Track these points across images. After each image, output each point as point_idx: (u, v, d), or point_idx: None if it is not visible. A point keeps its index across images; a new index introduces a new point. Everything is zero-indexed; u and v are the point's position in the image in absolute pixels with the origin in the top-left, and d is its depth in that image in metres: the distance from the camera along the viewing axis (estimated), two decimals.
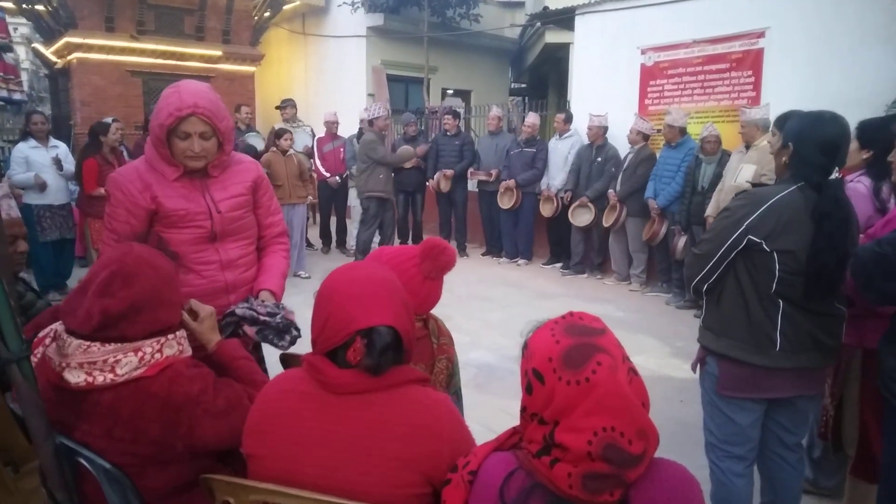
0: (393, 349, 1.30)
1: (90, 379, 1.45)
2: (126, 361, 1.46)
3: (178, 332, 1.60)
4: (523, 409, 1.17)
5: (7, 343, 1.35)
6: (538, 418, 1.12)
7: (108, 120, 6.13)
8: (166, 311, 1.56)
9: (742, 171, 5.04)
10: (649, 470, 1.09)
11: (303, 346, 2.05)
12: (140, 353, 1.48)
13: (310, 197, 7.31)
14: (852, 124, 2.58)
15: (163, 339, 1.53)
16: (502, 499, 1.13)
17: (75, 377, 1.45)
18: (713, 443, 2.24)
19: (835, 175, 2.01)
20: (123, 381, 1.45)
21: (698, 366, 2.29)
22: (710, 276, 2.07)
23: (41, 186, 5.68)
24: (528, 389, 1.14)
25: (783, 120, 2.48)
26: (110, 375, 1.44)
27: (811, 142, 1.99)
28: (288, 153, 6.94)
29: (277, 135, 7.03)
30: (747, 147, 5.14)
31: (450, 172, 8.00)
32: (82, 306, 1.47)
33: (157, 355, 1.51)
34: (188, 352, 1.62)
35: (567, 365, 1.08)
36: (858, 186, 2.46)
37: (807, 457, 2.67)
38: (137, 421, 1.45)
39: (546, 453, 1.10)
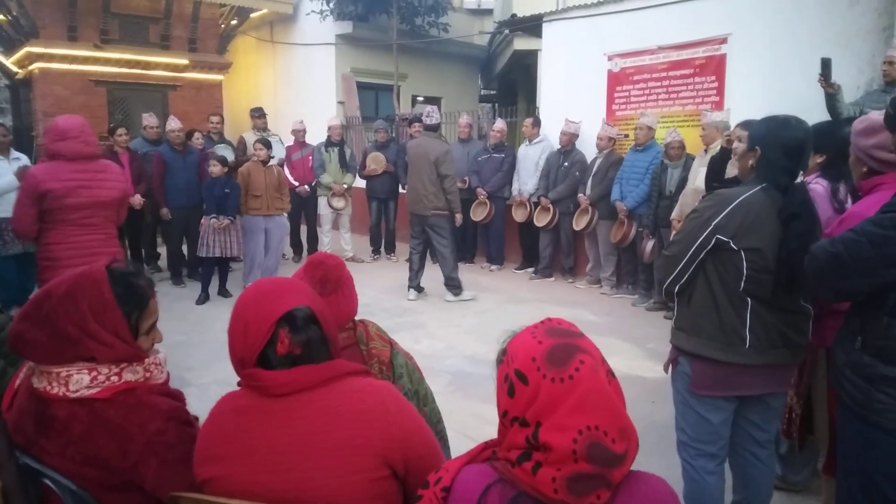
0: (317, 327, 1.35)
1: (49, 388, 1.41)
2: (77, 378, 1.40)
3: (148, 359, 1.52)
4: (504, 415, 1.16)
5: None
6: (520, 421, 1.11)
7: None
8: (87, 344, 1.43)
9: (700, 174, 5.14)
10: (631, 482, 1.09)
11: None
12: (93, 373, 1.41)
13: (285, 214, 7.12)
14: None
15: (123, 364, 1.45)
16: None
17: (38, 382, 1.43)
18: (685, 441, 2.27)
19: (800, 178, 2.07)
20: (77, 398, 1.40)
21: (670, 366, 2.32)
22: (682, 277, 2.12)
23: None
24: (509, 392, 1.13)
25: (746, 125, 2.54)
26: (63, 389, 1.40)
27: (778, 145, 2.04)
28: (269, 164, 6.86)
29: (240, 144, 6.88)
30: (706, 150, 5.25)
31: None
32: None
33: (115, 378, 1.43)
34: (159, 379, 1.54)
35: (551, 363, 1.09)
36: (817, 188, 2.52)
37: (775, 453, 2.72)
38: (87, 442, 1.39)
39: (527, 459, 1.09)
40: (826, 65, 4.63)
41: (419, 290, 6.62)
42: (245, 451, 1.29)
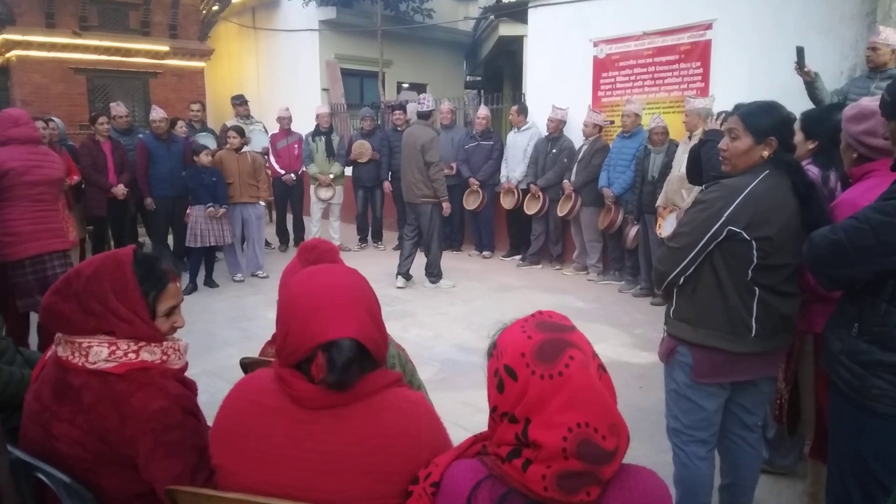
0: (358, 361, 1.24)
1: (71, 357, 1.48)
2: (97, 350, 1.47)
3: (167, 342, 1.57)
4: (493, 410, 1.15)
5: None
6: (509, 417, 1.10)
7: (46, 118, 5.88)
8: (108, 319, 1.50)
9: (685, 161, 5.17)
10: (622, 476, 1.09)
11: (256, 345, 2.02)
12: (112, 347, 1.48)
13: (262, 202, 7.06)
14: (799, 114, 2.67)
15: (142, 343, 1.51)
16: None
17: (62, 350, 1.50)
18: (678, 428, 2.28)
19: None
20: (94, 369, 1.46)
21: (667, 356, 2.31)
22: (688, 269, 2.10)
23: None
24: (499, 388, 1.12)
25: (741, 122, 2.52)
26: (83, 360, 1.47)
27: (786, 129, 2.09)
28: (241, 151, 6.80)
29: (222, 132, 6.82)
30: (690, 136, 5.28)
31: None
32: None
33: (132, 355, 1.49)
34: (177, 365, 1.58)
35: (540, 359, 1.08)
36: (809, 175, 2.53)
37: (762, 437, 2.76)
38: (93, 412, 1.44)
39: (517, 455, 1.08)
40: (800, 52, 4.70)
41: (407, 277, 6.62)
42: (264, 455, 1.25)
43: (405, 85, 13.23)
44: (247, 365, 1.96)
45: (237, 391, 1.35)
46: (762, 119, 2.09)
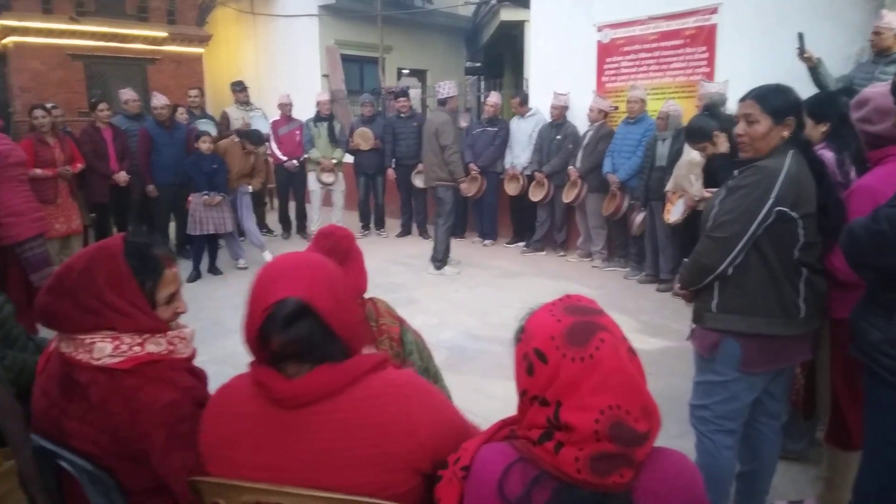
0: (308, 324, 1.21)
1: (75, 353, 1.43)
2: (100, 346, 1.42)
3: (172, 332, 1.52)
4: (523, 394, 1.15)
5: None
6: (539, 400, 1.10)
7: (48, 105, 5.84)
8: (107, 315, 1.45)
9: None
10: (653, 458, 1.09)
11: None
12: (116, 342, 1.43)
13: (250, 187, 7.06)
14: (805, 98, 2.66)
15: (146, 335, 1.46)
16: (501, 492, 1.09)
17: (66, 347, 1.46)
18: (707, 418, 2.25)
19: None
20: (100, 366, 1.41)
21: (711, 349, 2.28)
22: (738, 258, 2.06)
23: None
24: (528, 371, 1.11)
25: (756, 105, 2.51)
26: (87, 356, 1.42)
27: (799, 108, 2.11)
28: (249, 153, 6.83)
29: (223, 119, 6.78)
30: None
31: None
32: None
33: (137, 348, 1.44)
34: (184, 353, 1.54)
35: (571, 342, 1.07)
36: (825, 158, 2.51)
37: None
38: (102, 409, 1.41)
39: (549, 438, 1.08)
40: (800, 38, 4.74)
41: (441, 263, 6.69)
42: (259, 466, 1.23)
43: (405, 71, 13.15)
44: None
45: (218, 402, 1.34)
46: (778, 99, 2.08)
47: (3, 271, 3.98)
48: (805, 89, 3.38)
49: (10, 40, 9.93)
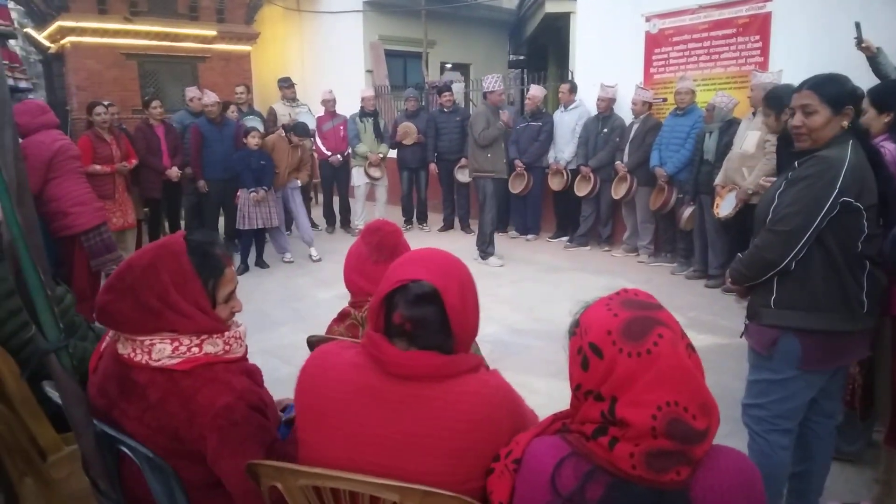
0: (435, 309, 1.27)
1: (133, 355, 1.44)
2: (160, 348, 1.43)
3: (228, 332, 1.53)
4: (577, 388, 1.14)
5: (45, 333, 1.33)
6: (594, 395, 1.09)
7: (105, 102, 6.04)
8: (168, 317, 1.45)
9: (748, 139, 5.01)
10: (711, 456, 1.07)
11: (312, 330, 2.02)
12: (175, 343, 1.44)
13: (299, 182, 7.18)
14: (865, 88, 2.56)
15: (204, 336, 1.47)
16: (553, 485, 1.09)
17: (123, 348, 1.47)
18: (763, 417, 2.20)
19: None
20: (158, 367, 1.43)
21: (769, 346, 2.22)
22: (802, 251, 2.01)
23: None
24: (583, 365, 1.11)
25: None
26: (146, 357, 1.43)
27: (858, 97, 2.08)
28: (296, 146, 6.92)
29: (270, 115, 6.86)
30: (755, 113, 5.09)
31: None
32: None
33: (195, 349, 1.45)
34: (238, 353, 1.55)
35: (627, 337, 1.06)
36: (886, 151, 2.43)
37: None
38: (161, 410, 1.43)
39: (603, 433, 1.07)
40: (857, 27, 4.62)
41: (488, 253, 6.79)
42: (349, 436, 1.26)
43: (448, 65, 13.13)
44: (313, 343, 1.97)
45: (318, 367, 1.35)
46: (836, 89, 2.03)
47: (69, 261, 4.14)
48: (863, 80, 3.25)
49: (67, 41, 10.29)
